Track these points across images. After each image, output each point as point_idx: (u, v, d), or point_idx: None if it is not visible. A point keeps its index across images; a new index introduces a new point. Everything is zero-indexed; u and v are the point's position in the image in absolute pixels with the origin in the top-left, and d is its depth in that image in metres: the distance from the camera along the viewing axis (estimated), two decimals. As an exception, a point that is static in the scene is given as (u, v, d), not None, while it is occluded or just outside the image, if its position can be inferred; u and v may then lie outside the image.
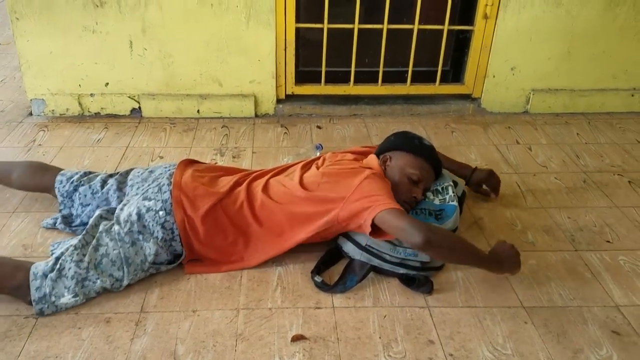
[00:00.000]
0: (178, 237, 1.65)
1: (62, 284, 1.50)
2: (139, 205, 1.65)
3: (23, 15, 2.49)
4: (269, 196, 1.71)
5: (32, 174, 1.96)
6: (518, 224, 1.98)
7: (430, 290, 1.64)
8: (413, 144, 1.84)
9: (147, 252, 1.61)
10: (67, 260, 1.52)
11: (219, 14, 2.54)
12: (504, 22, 2.66)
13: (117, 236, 1.59)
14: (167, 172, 1.78)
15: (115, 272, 1.57)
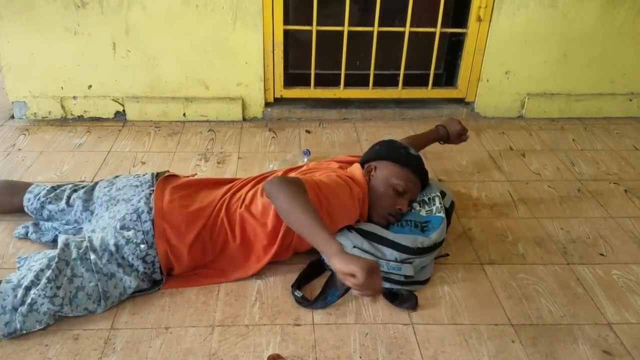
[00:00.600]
0: (159, 269, 1.57)
1: (34, 318, 1.41)
2: (117, 236, 1.53)
3: (3, 16, 2.42)
4: (249, 211, 1.63)
5: (1, 197, 1.88)
6: (509, 235, 1.91)
7: (414, 306, 1.57)
8: (399, 153, 1.77)
9: (126, 284, 1.52)
10: (40, 295, 1.40)
11: (204, 15, 2.48)
12: (498, 24, 2.59)
13: (94, 267, 1.48)
14: (143, 193, 1.65)
15: (90, 306, 1.48)
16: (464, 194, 2.14)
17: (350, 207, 1.63)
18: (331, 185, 1.61)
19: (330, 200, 1.57)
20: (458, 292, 1.64)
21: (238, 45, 2.57)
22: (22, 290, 1.40)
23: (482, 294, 1.64)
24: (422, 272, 1.65)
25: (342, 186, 1.63)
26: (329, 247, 1.35)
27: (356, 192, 1.65)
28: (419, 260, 1.62)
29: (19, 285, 1.41)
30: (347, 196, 1.63)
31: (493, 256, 1.80)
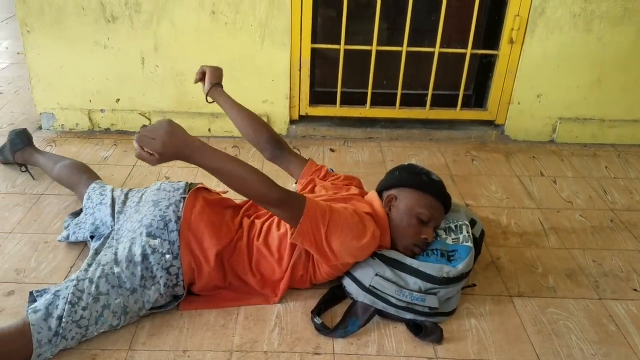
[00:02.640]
0: (182, 282, 1.55)
1: (63, 344, 1.39)
2: (144, 244, 1.52)
3: (34, 29, 2.45)
4: (266, 244, 1.61)
5: (71, 172, 2.03)
6: (539, 266, 1.85)
7: (439, 339, 1.51)
8: (421, 180, 1.67)
9: (146, 299, 1.50)
10: (68, 321, 1.37)
11: (233, 33, 2.48)
12: (530, 47, 2.53)
13: (118, 281, 1.46)
14: (174, 199, 1.63)
15: (114, 322, 1.46)
16: (492, 221, 2.08)
17: (352, 234, 1.51)
18: (343, 216, 1.52)
19: (333, 224, 1.49)
20: (485, 326, 1.58)
21: (265, 63, 2.56)
22: (55, 322, 1.37)
23: (511, 329, 1.57)
24: (448, 303, 1.59)
25: (355, 221, 1.53)
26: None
27: (371, 231, 1.54)
28: (445, 291, 1.56)
29: (50, 315, 1.37)
30: (357, 230, 1.52)
31: (522, 288, 1.74)
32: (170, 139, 1.27)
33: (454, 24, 2.57)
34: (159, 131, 1.27)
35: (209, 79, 1.88)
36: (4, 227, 1.92)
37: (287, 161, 1.92)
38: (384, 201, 1.68)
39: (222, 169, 1.36)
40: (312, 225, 1.46)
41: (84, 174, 2.02)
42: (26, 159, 2.21)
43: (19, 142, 2.21)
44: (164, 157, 1.29)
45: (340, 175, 1.89)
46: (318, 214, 1.47)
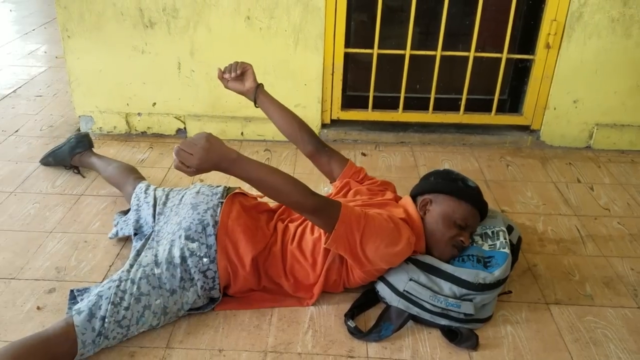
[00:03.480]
0: (218, 285, 1.57)
1: (105, 344, 1.42)
2: (182, 247, 1.55)
3: (74, 33, 2.52)
4: (300, 248, 1.62)
5: (120, 173, 2.11)
6: (576, 273, 1.81)
7: (475, 345, 1.50)
8: (457, 186, 1.65)
9: (184, 300, 1.53)
10: (110, 321, 1.41)
11: (267, 37, 2.50)
12: (567, 52, 2.49)
13: (158, 282, 1.49)
14: (212, 202, 1.66)
15: (153, 322, 1.50)
16: (528, 227, 2.05)
17: (387, 240, 1.51)
18: (378, 223, 1.51)
19: (368, 230, 1.48)
20: (521, 333, 1.56)
21: (298, 67, 2.58)
22: (99, 322, 1.40)
23: (547, 336, 1.55)
24: (484, 309, 1.58)
25: (390, 227, 1.52)
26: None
27: (406, 237, 1.54)
28: (480, 297, 1.55)
29: (93, 316, 1.40)
30: (392, 237, 1.52)
31: (559, 296, 1.71)
32: (207, 154, 1.30)
33: (488, 28, 2.55)
34: (196, 147, 1.30)
35: (252, 80, 1.85)
36: (44, 226, 1.98)
37: (328, 157, 1.90)
38: (418, 206, 1.67)
39: (259, 179, 1.39)
40: (347, 231, 1.46)
41: (131, 175, 2.08)
42: (83, 161, 2.29)
43: (81, 145, 2.29)
44: (201, 170, 1.33)
45: (376, 180, 1.88)
46: (353, 220, 1.47)
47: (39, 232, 1.94)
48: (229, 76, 1.82)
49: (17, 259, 1.81)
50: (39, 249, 1.85)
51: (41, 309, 1.59)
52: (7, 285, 1.69)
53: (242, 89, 1.85)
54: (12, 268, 1.76)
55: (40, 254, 1.83)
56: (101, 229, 1.97)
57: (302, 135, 1.88)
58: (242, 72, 1.82)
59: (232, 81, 1.83)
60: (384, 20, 2.49)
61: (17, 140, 2.65)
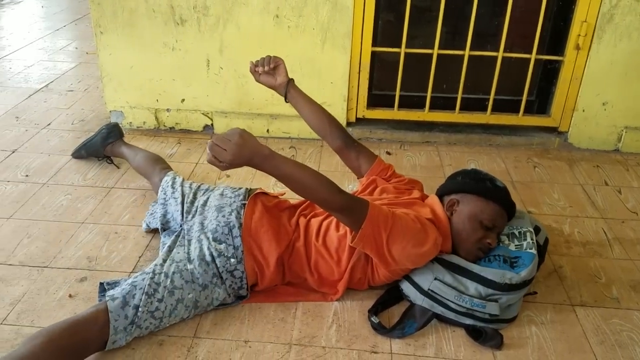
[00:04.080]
0: (246, 285, 1.60)
1: (137, 332, 1.46)
2: (211, 247, 1.59)
3: (107, 30, 2.58)
4: (324, 244, 1.64)
5: (147, 163, 2.16)
6: (602, 276, 1.80)
7: (499, 344, 1.50)
8: (485, 187, 1.64)
9: (215, 296, 1.56)
10: (143, 311, 1.44)
11: (295, 36, 2.53)
12: (597, 54, 2.47)
13: (191, 276, 1.53)
14: (235, 205, 1.70)
15: (185, 315, 1.53)
16: (555, 229, 2.04)
17: (412, 241, 1.51)
18: (405, 223, 1.52)
19: (395, 230, 1.49)
20: (546, 334, 1.56)
21: (325, 66, 2.59)
22: (132, 310, 1.43)
23: (572, 338, 1.54)
24: (509, 310, 1.58)
25: (417, 228, 1.53)
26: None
27: (433, 238, 1.54)
28: (506, 298, 1.54)
29: (127, 304, 1.43)
30: (418, 238, 1.52)
31: (585, 298, 1.70)
32: (240, 150, 1.32)
33: (517, 28, 2.53)
34: (230, 143, 1.32)
35: (284, 74, 1.83)
36: (76, 217, 2.03)
37: (356, 152, 1.90)
38: (445, 205, 1.67)
39: (289, 176, 1.40)
40: (374, 230, 1.47)
41: (158, 165, 2.13)
42: (114, 151, 2.35)
43: (112, 135, 2.36)
44: (233, 165, 1.34)
45: (403, 177, 1.88)
46: (380, 219, 1.48)
47: (71, 222, 2.00)
48: (261, 69, 1.80)
49: (49, 248, 1.86)
50: (71, 239, 1.90)
51: (73, 297, 1.64)
52: (40, 273, 1.74)
53: (273, 83, 1.84)
54: (44, 257, 1.81)
55: (72, 244, 1.88)
56: (131, 221, 2.01)
57: (331, 129, 1.88)
58: (274, 66, 1.81)
59: (264, 75, 1.82)
60: (412, 19, 2.49)
61: (49, 133, 2.72)
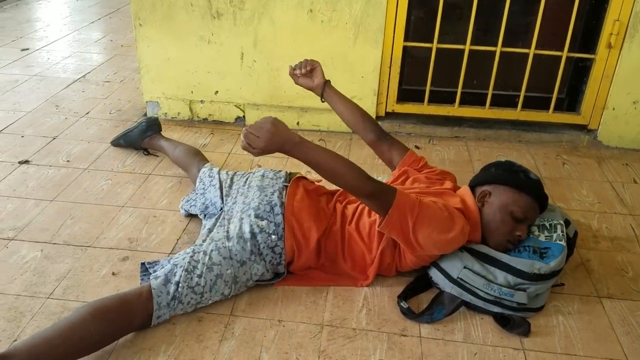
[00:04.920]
0: (284, 261, 1.66)
1: (179, 308, 1.53)
2: (252, 224, 1.65)
3: (146, 22, 2.66)
4: (357, 229, 1.70)
5: (186, 155, 2.26)
6: (629, 270, 1.82)
7: (527, 332, 1.54)
8: (518, 179, 1.67)
9: (253, 272, 1.63)
10: (184, 286, 1.51)
11: (328, 30, 2.58)
12: (629, 53, 2.47)
13: (229, 253, 1.59)
14: (277, 185, 1.77)
15: (225, 290, 1.59)
16: (583, 224, 2.06)
17: (439, 228, 1.55)
18: (432, 210, 1.56)
19: (421, 217, 1.53)
20: (573, 323, 1.59)
21: (356, 60, 2.64)
22: (173, 286, 1.51)
23: (598, 328, 1.57)
24: (537, 299, 1.61)
25: (444, 216, 1.56)
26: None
27: (460, 226, 1.57)
28: (535, 287, 1.58)
29: (168, 281, 1.51)
30: (441, 222, 1.56)
31: (612, 290, 1.73)
32: (272, 137, 1.41)
33: (549, 26, 2.55)
34: (262, 130, 1.41)
35: (321, 76, 1.95)
36: (117, 201, 2.12)
37: (389, 145, 1.97)
38: (476, 197, 1.70)
39: (319, 163, 1.48)
40: (401, 216, 1.52)
41: (196, 157, 2.22)
42: (152, 144, 2.43)
43: (152, 129, 2.45)
44: (265, 152, 1.44)
45: (435, 168, 1.92)
46: (407, 206, 1.53)
47: (112, 206, 2.08)
48: (299, 72, 1.93)
49: (92, 229, 1.95)
50: (112, 221, 1.99)
51: (116, 275, 1.72)
52: (84, 252, 1.83)
53: (311, 85, 1.96)
54: (88, 237, 1.90)
55: (114, 226, 1.96)
56: (169, 206, 2.09)
57: (365, 124, 1.96)
58: (311, 68, 1.92)
59: (302, 77, 1.95)
60: (443, 16, 2.53)
61: (88, 121, 2.82)
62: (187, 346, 1.47)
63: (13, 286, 1.66)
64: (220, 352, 1.45)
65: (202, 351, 1.45)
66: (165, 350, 1.45)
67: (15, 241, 1.86)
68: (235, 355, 1.44)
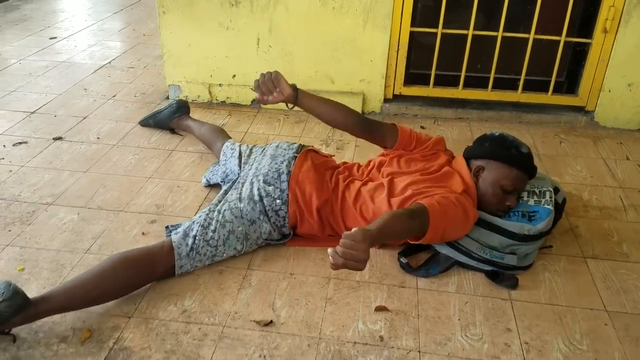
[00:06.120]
0: (287, 224, 1.84)
1: (198, 259, 1.71)
2: (260, 188, 1.82)
3: (169, 9, 2.85)
4: (361, 214, 1.80)
5: (211, 132, 2.45)
6: (615, 235, 1.97)
7: (514, 285, 1.70)
8: (510, 154, 1.78)
9: (262, 230, 1.80)
10: (200, 239, 1.70)
11: (339, 16, 2.75)
12: (624, 37, 2.60)
13: (241, 213, 1.77)
14: (287, 155, 1.93)
15: (238, 246, 1.77)
16: (574, 195, 2.21)
17: (459, 226, 1.70)
18: (451, 217, 1.66)
19: (448, 224, 1.66)
20: (558, 279, 1.75)
21: (365, 45, 2.80)
22: (191, 239, 1.70)
23: (581, 283, 1.73)
24: (525, 259, 1.77)
25: (460, 215, 1.68)
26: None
27: (472, 216, 1.71)
28: (525, 248, 1.74)
29: (187, 235, 1.71)
30: (460, 220, 1.69)
31: (596, 252, 1.88)
32: (366, 245, 1.36)
33: (549, 12, 2.68)
34: (356, 244, 1.35)
35: (287, 85, 1.84)
36: (144, 173, 2.31)
37: (380, 131, 1.95)
38: (472, 171, 1.83)
39: (390, 231, 1.52)
40: (436, 231, 1.62)
41: (221, 134, 2.42)
42: (180, 124, 2.63)
43: (181, 111, 2.66)
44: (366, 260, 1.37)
45: (428, 143, 1.97)
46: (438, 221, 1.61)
47: (140, 177, 2.28)
48: (273, 97, 1.82)
49: (122, 196, 2.14)
50: (140, 190, 2.19)
51: (145, 235, 1.92)
52: (117, 215, 2.02)
53: (282, 99, 1.84)
54: (119, 203, 2.10)
55: (142, 194, 2.16)
56: (191, 178, 2.28)
57: (347, 120, 1.93)
58: (275, 83, 1.82)
59: (271, 97, 1.83)
60: (448, 2, 2.68)
61: (115, 103, 3.02)
62: (209, 293, 1.66)
63: (54, 243, 1.86)
64: (239, 298, 1.64)
65: (223, 297, 1.64)
66: (191, 295, 1.65)
67: (53, 206, 2.07)
68: (252, 301, 1.63)
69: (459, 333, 1.53)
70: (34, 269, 1.74)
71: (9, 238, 1.88)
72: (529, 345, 1.49)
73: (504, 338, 1.51)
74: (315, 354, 1.46)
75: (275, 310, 1.60)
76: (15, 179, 2.24)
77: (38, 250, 1.82)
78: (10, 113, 2.85)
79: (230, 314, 1.58)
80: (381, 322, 1.56)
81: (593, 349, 1.48)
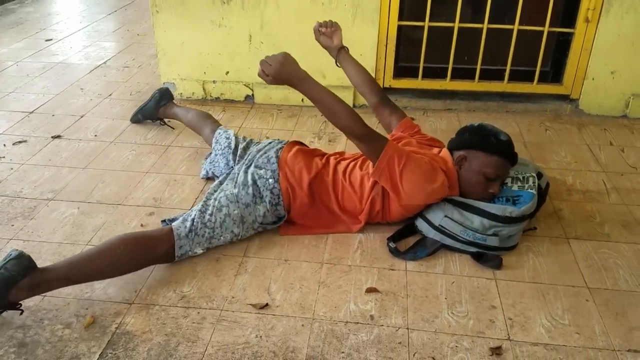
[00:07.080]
0: (282, 202, 1.91)
1: (196, 241, 1.78)
2: (253, 172, 1.92)
3: (162, 9, 2.91)
4: (349, 180, 1.92)
5: (199, 118, 2.51)
6: (597, 217, 2.05)
7: (498, 265, 1.77)
8: (489, 142, 1.83)
9: (257, 213, 1.88)
10: (198, 222, 1.78)
11: (328, 11, 2.81)
12: (605, 26, 2.68)
13: (236, 198, 1.86)
14: (276, 147, 2.03)
15: (235, 229, 1.85)
16: (558, 180, 2.28)
17: (420, 177, 1.78)
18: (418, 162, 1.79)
19: (408, 166, 1.77)
20: (542, 259, 1.82)
21: (355, 39, 2.85)
22: (189, 222, 1.78)
23: (564, 262, 1.81)
24: (509, 240, 1.84)
25: (428, 168, 1.80)
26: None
27: (442, 179, 1.81)
28: (508, 230, 1.81)
29: (185, 220, 1.79)
30: (423, 172, 1.79)
31: (579, 233, 1.96)
32: (282, 66, 1.68)
33: (532, 3, 2.75)
34: (275, 60, 1.68)
35: (339, 40, 2.19)
36: (141, 168, 2.38)
37: (390, 110, 2.20)
38: (455, 160, 1.91)
39: (321, 99, 1.73)
40: (389, 163, 1.76)
41: (208, 119, 2.48)
42: (166, 112, 2.69)
43: (165, 98, 2.71)
44: (276, 80, 1.70)
45: (426, 135, 2.15)
46: (395, 154, 1.77)
47: (137, 172, 2.35)
48: (324, 30, 2.17)
49: (121, 190, 2.21)
50: (138, 184, 2.25)
51: (144, 226, 1.99)
52: (116, 208, 2.09)
53: (329, 44, 2.20)
54: (118, 197, 2.17)
55: (140, 188, 2.23)
56: (187, 172, 2.35)
57: (371, 88, 2.20)
58: (334, 30, 2.17)
59: (323, 36, 2.18)
60: None
61: (111, 102, 3.08)
62: (207, 279, 1.73)
63: (56, 236, 1.93)
64: (236, 284, 1.71)
65: (220, 283, 1.71)
66: (189, 282, 1.72)
67: (54, 201, 2.13)
68: (248, 286, 1.70)
69: (445, 311, 1.60)
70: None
71: (12, 232, 1.95)
72: (513, 320, 1.56)
73: (489, 315, 1.59)
74: (309, 334, 1.53)
75: (271, 294, 1.67)
76: (17, 176, 2.31)
77: (40, 244, 1.89)
78: (10, 113, 2.91)
79: (228, 299, 1.65)
80: (372, 302, 1.63)
81: (574, 324, 1.55)
